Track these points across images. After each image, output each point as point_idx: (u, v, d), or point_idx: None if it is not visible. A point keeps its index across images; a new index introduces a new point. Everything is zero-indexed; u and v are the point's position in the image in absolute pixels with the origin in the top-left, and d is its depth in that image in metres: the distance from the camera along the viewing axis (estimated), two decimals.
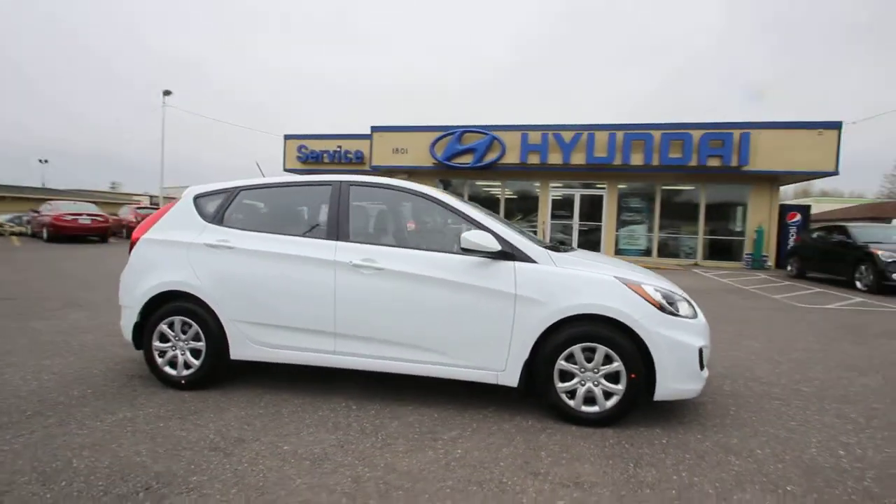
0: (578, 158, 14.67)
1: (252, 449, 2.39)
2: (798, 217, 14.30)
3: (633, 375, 2.66)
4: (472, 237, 2.75)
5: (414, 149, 16.48)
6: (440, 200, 3.09)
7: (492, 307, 2.78)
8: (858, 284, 9.14)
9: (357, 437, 2.56)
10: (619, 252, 15.58)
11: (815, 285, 10.05)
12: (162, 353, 3.21)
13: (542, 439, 2.57)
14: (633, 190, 15.93)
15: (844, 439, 2.64)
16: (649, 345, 2.63)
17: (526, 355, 2.76)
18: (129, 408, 2.87)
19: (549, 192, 16.42)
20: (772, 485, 2.15)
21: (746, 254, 14.62)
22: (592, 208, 16.06)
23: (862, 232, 9.89)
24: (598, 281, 2.76)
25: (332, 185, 3.21)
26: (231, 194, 3.34)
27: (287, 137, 19.67)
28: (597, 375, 2.71)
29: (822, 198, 44.23)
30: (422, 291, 2.87)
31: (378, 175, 18.75)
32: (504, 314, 2.77)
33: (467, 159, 15.75)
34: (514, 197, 17.33)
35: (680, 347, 2.65)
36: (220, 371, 3.22)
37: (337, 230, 3.06)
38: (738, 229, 15.18)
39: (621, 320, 2.65)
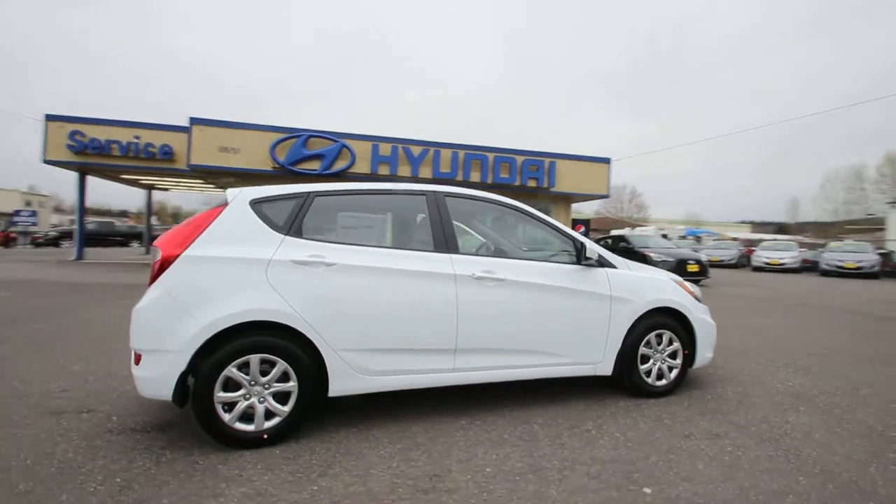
0: (426, 172, 15.67)
1: (463, 479, 2.22)
2: (583, 228, 18.57)
3: (686, 352, 3.47)
4: (592, 247, 3.12)
5: (249, 149, 14.71)
6: (532, 213, 3.32)
7: (594, 308, 3.20)
8: None
9: (528, 444, 2.61)
10: None
11: None
12: (228, 406, 2.47)
13: (648, 412, 3.12)
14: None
15: (783, 374, 4.03)
16: (695, 326, 3.49)
17: (619, 346, 3.27)
18: (229, 483, 2.17)
19: None
20: (790, 407, 3.22)
21: None
22: None
23: (637, 240, 13.74)
24: (663, 280, 3.49)
25: (427, 196, 3.06)
26: (303, 200, 2.80)
27: (50, 118, 14.85)
28: (664, 355, 3.43)
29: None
30: (538, 299, 3.06)
31: (201, 174, 15.94)
32: (603, 313, 3.22)
33: (314, 165, 14.96)
34: None
35: (708, 326, 3.60)
36: (309, 414, 2.68)
37: (446, 243, 2.96)
38: None
39: (680, 310, 3.44)
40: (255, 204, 2.72)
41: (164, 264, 2.47)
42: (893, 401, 3.42)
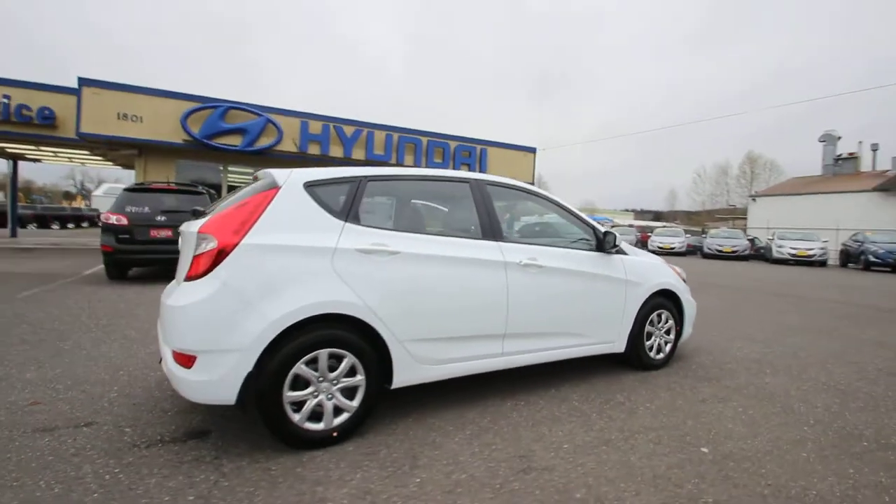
0: (359, 154, 15.17)
1: (549, 456, 2.35)
2: None
3: (678, 329, 3.92)
4: (618, 237, 3.36)
5: (154, 118, 12.96)
6: (560, 204, 3.47)
7: (614, 291, 3.47)
8: None
9: (582, 420, 2.80)
10: None
11: None
12: (297, 406, 2.30)
13: (658, 383, 3.50)
14: None
15: (738, 344, 4.72)
16: (684, 305, 3.96)
17: (631, 325, 3.59)
18: (326, 486, 2.05)
19: None
20: (760, 371, 3.82)
21: None
22: None
23: None
24: (661, 265, 3.88)
25: (471, 184, 3.06)
26: (357, 185, 2.64)
27: None
28: (661, 332, 3.84)
29: None
30: (571, 284, 3.25)
31: (92, 144, 13.86)
32: (620, 296, 3.51)
33: (235, 140, 13.66)
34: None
35: (691, 305, 4.09)
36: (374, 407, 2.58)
37: (492, 230, 3.00)
38: None
39: (675, 291, 3.86)
40: (310, 187, 2.50)
41: (222, 254, 2.19)
42: (825, 360, 4.22)
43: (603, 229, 3.50)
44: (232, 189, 15.47)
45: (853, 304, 8.02)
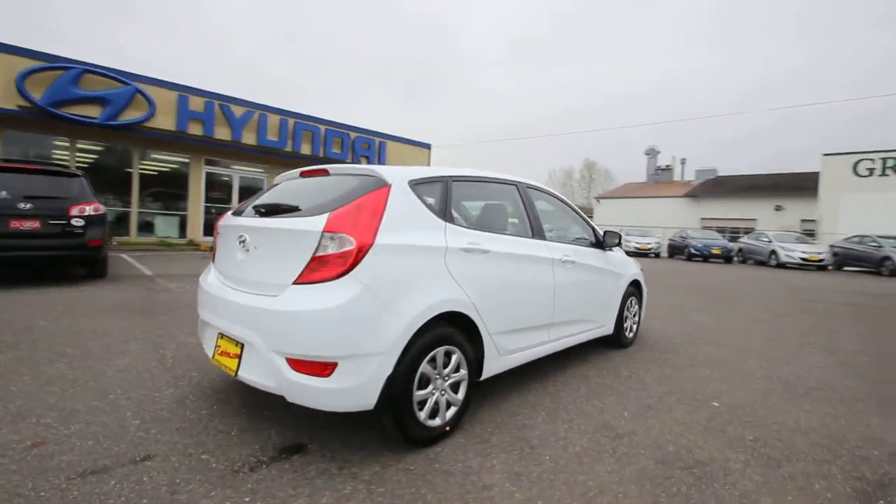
0: (249, 138, 13.85)
1: (621, 424, 2.77)
2: None
3: (640, 312, 4.74)
4: (619, 238, 3.95)
5: None
6: (568, 203, 3.93)
7: (610, 282, 4.08)
8: None
9: (618, 392, 3.31)
10: None
11: None
12: (421, 404, 2.33)
13: (639, 357, 4.22)
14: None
15: (662, 325, 5.80)
16: (644, 292, 4.79)
17: (617, 311, 4.25)
18: (478, 473, 2.17)
19: (203, 171, 14.31)
20: (697, 344, 4.86)
21: None
22: (252, 193, 15.40)
23: None
24: (629, 259, 4.63)
25: (517, 186, 3.32)
26: (446, 185, 2.70)
27: None
28: (632, 315, 4.60)
29: None
30: (590, 277, 3.75)
31: None
32: (612, 286, 4.14)
33: (93, 112, 11.33)
34: (150, 172, 13.80)
35: (646, 292, 4.96)
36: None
37: (538, 229, 3.31)
38: None
39: (640, 280, 4.66)
40: (414, 186, 2.50)
41: (359, 254, 2.09)
42: (730, 333, 5.50)
43: (602, 230, 4.08)
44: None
45: (701, 286, 10.29)
